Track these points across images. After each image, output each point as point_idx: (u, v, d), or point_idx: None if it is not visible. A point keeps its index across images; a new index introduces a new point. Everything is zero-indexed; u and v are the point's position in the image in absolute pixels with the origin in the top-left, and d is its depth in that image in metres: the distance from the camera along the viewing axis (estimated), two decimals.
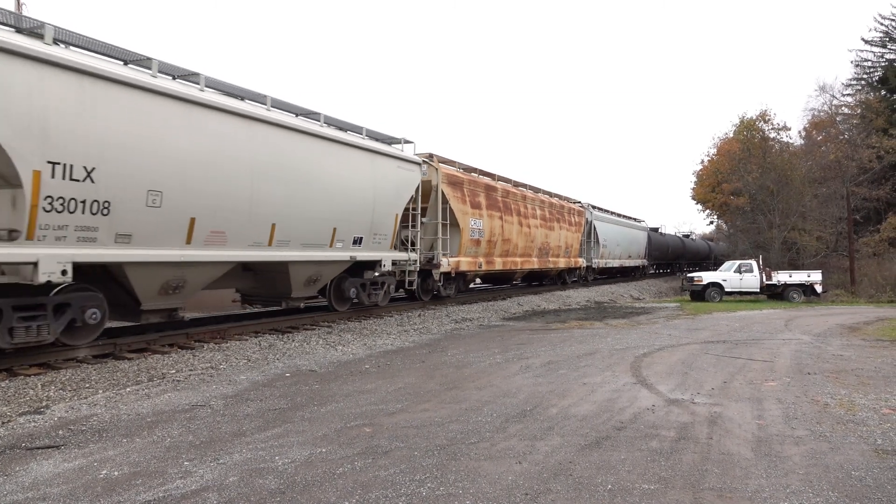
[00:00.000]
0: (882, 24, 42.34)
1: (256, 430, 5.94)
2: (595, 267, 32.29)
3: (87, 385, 7.82)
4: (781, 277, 26.75)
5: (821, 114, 41.41)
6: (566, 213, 27.87)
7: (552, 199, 26.73)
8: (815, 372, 9.15)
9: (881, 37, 42.55)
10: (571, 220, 28.43)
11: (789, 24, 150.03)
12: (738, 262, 27.51)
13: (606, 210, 35.76)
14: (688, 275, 29.66)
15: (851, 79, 44.22)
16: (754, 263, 27.05)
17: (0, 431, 5.97)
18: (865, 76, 43.49)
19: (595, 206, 33.14)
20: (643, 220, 44.69)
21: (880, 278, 29.74)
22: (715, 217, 56.81)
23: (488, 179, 20.92)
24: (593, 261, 31.92)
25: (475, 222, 19.11)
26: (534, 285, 28.55)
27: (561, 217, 27.05)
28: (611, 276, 38.02)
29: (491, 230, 20.13)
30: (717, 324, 16.05)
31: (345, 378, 8.49)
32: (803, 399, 7.39)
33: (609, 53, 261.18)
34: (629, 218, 40.74)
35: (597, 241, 32.23)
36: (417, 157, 16.17)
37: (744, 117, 42.05)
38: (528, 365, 9.49)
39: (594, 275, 33.20)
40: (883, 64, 42.15)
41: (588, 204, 32.07)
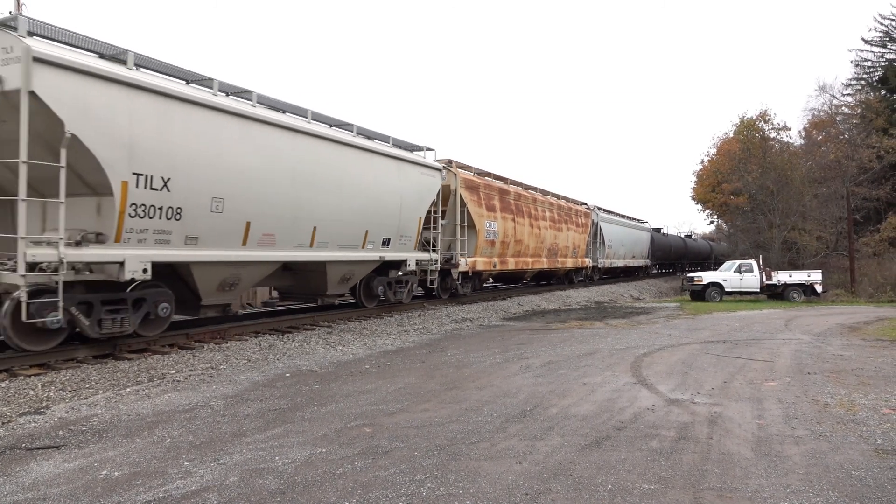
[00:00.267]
0: (882, 24, 42.34)
1: (257, 431, 5.94)
2: (601, 267, 32.87)
3: (88, 385, 7.82)
4: (781, 277, 26.74)
5: (821, 114, 41.40)
6: (573, 215, 28.68)
7: (560, 202, 27.45)
8: (816, 372, 9.15)
9: (881, 37, 42.53)
10: (578, 222, 29.27)
11: (789, 24, 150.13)
12: (739, 262, 27.48)
13: (611, 211, 36.38)
14: (688, 275, 29.65)
15: (851, 79, 44.21)
16: (754, 263, 27.03)
17: (0, 432, 5.97)
18: (865, 76, 43.46)
19: (600, 208, 33.75)
20: (646, 221, 45.33)
21: (880, 278, 29.73)
22: (715, 217, 56.83)
23: (501, 183, 21.68)
24: (599, 261, 32.49)
25: (490, 224, 20.03)
26: (542, 284, 29.12)
27: (568, 219, 27.89)
28: (615, 276, 38.46)
29: (504, 232, 21.00)
30: (717, 324, 16.05)
31: (345, 378, 8.49)
32: (803, 399, 7.39)
33: (610, 54, 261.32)
34: (633, 219, 41.34)
35: (602, 242, 32.80)
36: (438, 164, 17.18)
37: (744, 117, 42.11)
38: (529, 365, 9.49)
39: (599, 274, 33.75)
40: (883, 64, 42.12)
41: (594, 206, 32.71)
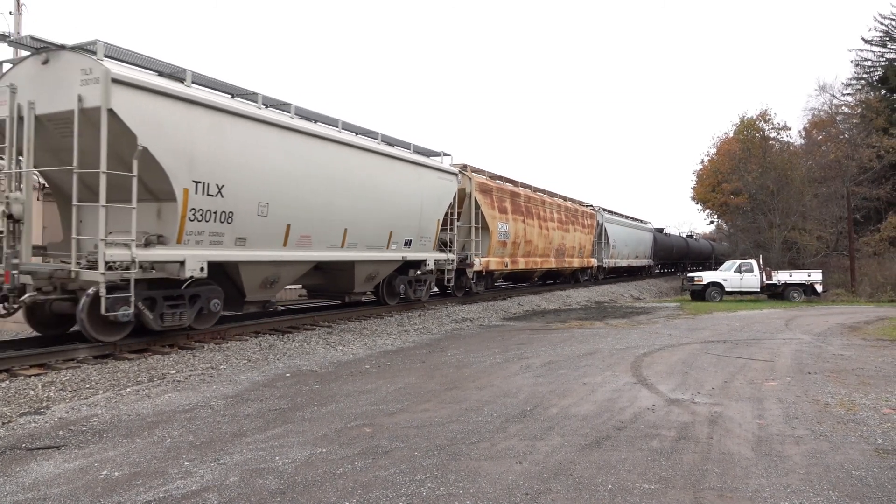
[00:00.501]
0: (882, 24, 42.32)
1: (257, 431, 5.94)
2: (605, 266, 33.56)
3: (88, 385, 7.82)
4: (782, 277, 26.73)
5: (821, 113, 41.38)
6: (579, 216, 29.45)
7: (567, 203, 28.16)
8: (816, 371, 9.15)
9: (881, 36, 42.50)
10: (584, 223, 30.03)
11: (789, 24, 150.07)
12: (739, 262, 27.49)
13: (615, 212, 37.01)
14: (688, 274, 29.65)
15: (851, 78, 44.17)
16: (754, 263, 27.03)
17: (0, 432, 5.97)
18: (865, 76, 43.42)
19: (605, 209, 34.40)
20: (649, 222, 45.90)
21: (881, 278, 29.72)
22: (715, 217, 56.82)
23: (511, 186, 22.54)
24: (604, 261, 33.21)
25: (502, 226, 21.00)
26: (548, 283, 29.77)
27: (575, 220, 28.68)
28: (618, 276, 38.96)
29: (515, 233, 21.95)
30: (718, 323, 16.04)
31: (345, 378, 8.49)
32: (804, 399, 7.39)
33: (610, 54, 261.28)
34: (636, 220, 42.03)
35: (607, 242, 33.52)
36: (454, 168, 18.16)
37: (744, 117, 42.09)
38: (529, 365, 9.49)
39: (604, 274, 34.36)
40: (883, 63, 42.09)
41: (599, 207, 33.34)
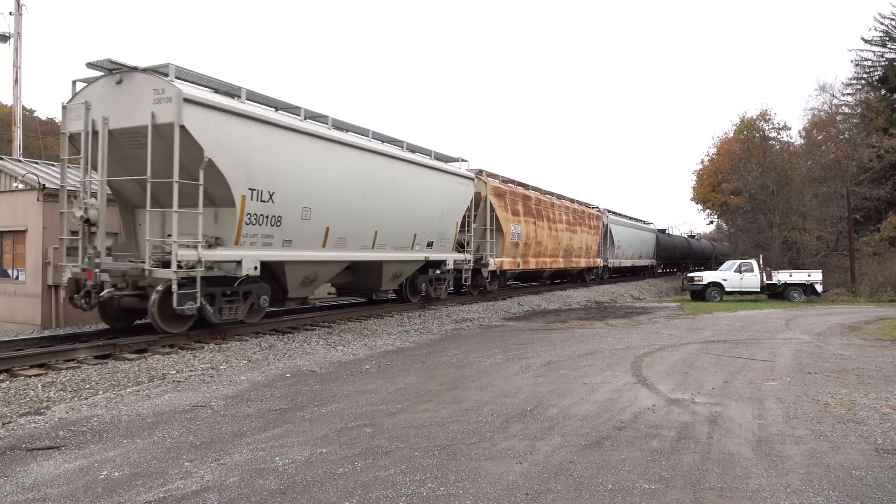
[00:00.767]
0: (882, 24, 42.31)
1: (257, 431, 5.94)
2: (610, 266, 34.39)
3: (88, 386, 7.82)
4: (782, 277, 26.72)
5: (821, 113, 41.37)
6: (586, 218, 30.50)
7: (574, 205, 29.20)
8: (816, 371, 9.15)
9: (881, 36, 42.49)
10: (591, 224, 31.14)
11: (789, 24, 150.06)
12: (739, 262, 27.47)
13: (620, 214, 37.94)
14: (688, 274, 29.64)
15: (851, 78, 44.17)
16: (754, 263, 27.01)
17: (0, 432, 5.97)
18: (865, 75, 43.41)
19: (610, 211, 35.26)
20: (652, 223, 46.76)
21: (881, 277, 29.70)
22: (715, 217, 56.82)
23: (523, 189, 23.60)
24: (609, 261, 34.07)
25: (515, 227, 22.04)
26: (555, 283, 30.56)
27: (582, 221, 29.76)
28: (623, 275, 39.62)
29: (527, 234, 23.06)
30: (718, 323, 16.04)
31: (345, 378, 8.49)
32: (804, 398, 7.39)
33: (610, 54, 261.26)
34: (639, 220, 43.00)
35: (612, 243, 34.31)
36: (471, 174, 19.23)
37: (744, 117, 42.14)
38: (529, 365, 9.49)
39: (609, 273, 35.15)
40: (883, 63, 42.08)
41: (604, 208, 34.24)
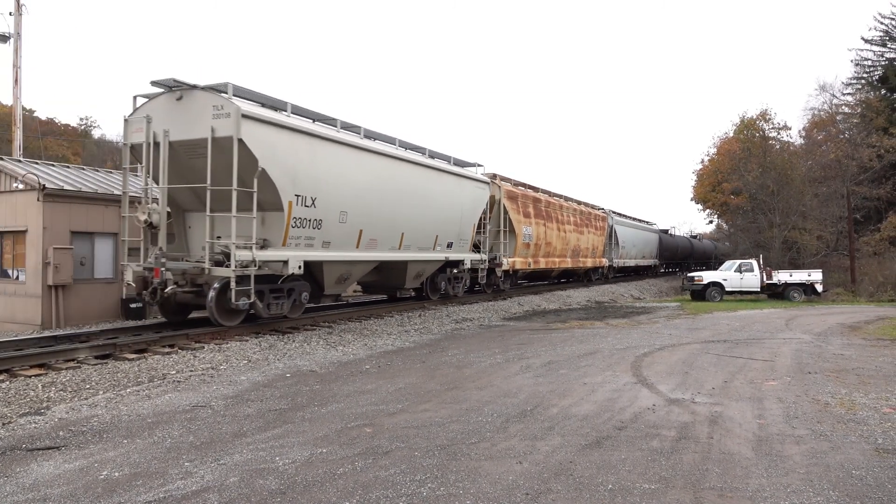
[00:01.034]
0: (882, 24, 42.28)
1: (257, 431, 5.94)
2: (615, 266, 35.23)
3: (88, 386, 7.82)
4: (782, 277, 26.71)
5: (821, 113, 41.36)
6: (592, 219, 31.40)
7: (580, 207, 30.16)
8: (816, 371, 9.15)
9: (881, 36, 42.48)
10: (597, 225, 32.02)
11: (789, 24, 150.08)
12: (739, 262, 27.46)
13: (624, 215, 38.82)
14: (688, 274, 29.64)
15: (851, 78, 44.16)
16: (755, 263, 27.00)
17: (1, 432, 5.97)
18: (865, 75, 43.38)
19: (615, 212, 36.08)
20: (655, 223, 47.51)
21: (881, 277, 29.68)
22: (715, 217, 56.84)
23: (533, 192, 24.54)
24: (614, 261, 34.87)
25: (526, 229, 22.98)
26: (562, 282, 31.33)
27: (588, 222, 30.65)
28: (626, 275, 40.34)
29: (537, 235, 24.00)
30: (718, 323, 16.04)
31: (345, 378, 8.49)
32: (804, 398, 7.39)
33: (610, 54, 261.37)
34: (643, 221, 43.95)
35: (616, 243, 35.12)
36: (486, 178, 20.21)
37: (744, 117, 42.17)
38: (529, 365, 9.49)
39: (614, 273, 35.95)
40: (883, 63, 42.06)
41: (609, 210, 35.05)
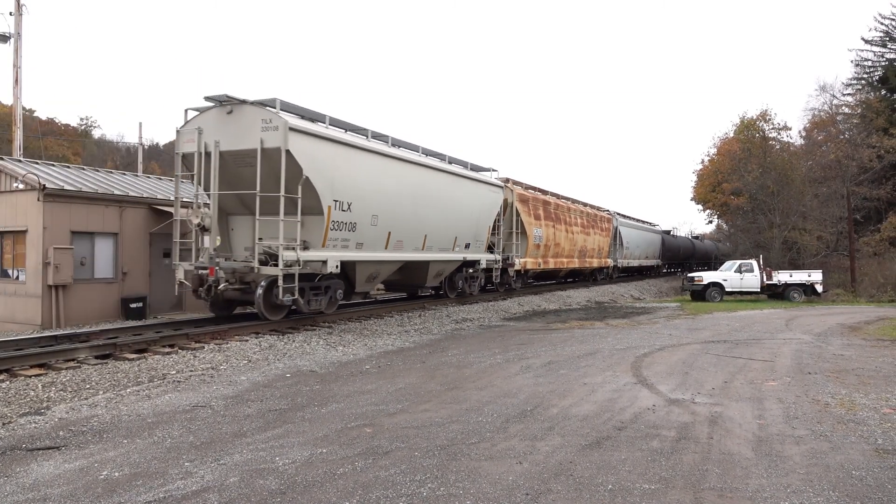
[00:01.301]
0: (882, 24, 42.29)
1: (257, 431, 5.94)
2: (619, 266, 36.01)
3: (88, 386, 7.82)
4: (782, 277, 26.70)
5: (821, 113, 41.37)
6: (598, 221, 32.40)
7: (587, 209, 31.26)
8: (816, 371, 9.15)
9: (881, 36, 42.47)
10: (602, 227, 33.03)
11: (789, 24, 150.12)
12: (739, 262, 27.45)
13: (628, 216, 39.72)
14: (688, 274, 29.63)
15: (852, 78, 44.17)
16: (755, 263, 26.99)
17: (1, 432, 5.97)
18: (866, 76, 43.38)
19: (619, 214, 36.92)
20: (657, 224, 48.41)
21: (881, 278, 29.67)
22: (715, 217, 56.86)
23: (543, 195, 25.60)
24: (618, 261, 35.63)
25: (537, 231, 24.05)
26: (568, 281, 31.96)
27: (594, 224, 31.70)
28: (630, 275, 41.10)
29: (547, 237, 25.06)
30: (718, 323, 16.04)
31: (345, 378, 8.49)
32: (804, 399, 7.39)
33: (610, 54, 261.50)
34: (646, 223, 44.82)
35: (621, 244, 35.94)
36: (500, 182, 21.37)
37: (744, 117, 42.17)
38: (529, 365, 9.49)
39: (618, 273, 36.76)
40: (883, 63, 42.05)
41: (614, 212, 35.89)
